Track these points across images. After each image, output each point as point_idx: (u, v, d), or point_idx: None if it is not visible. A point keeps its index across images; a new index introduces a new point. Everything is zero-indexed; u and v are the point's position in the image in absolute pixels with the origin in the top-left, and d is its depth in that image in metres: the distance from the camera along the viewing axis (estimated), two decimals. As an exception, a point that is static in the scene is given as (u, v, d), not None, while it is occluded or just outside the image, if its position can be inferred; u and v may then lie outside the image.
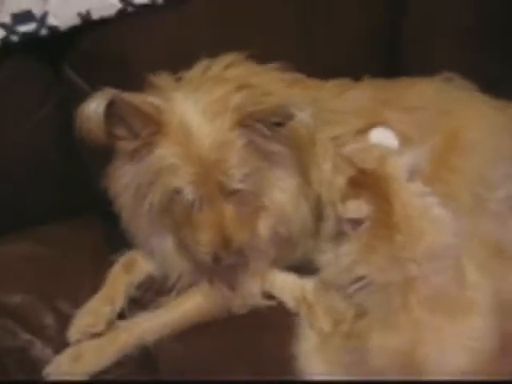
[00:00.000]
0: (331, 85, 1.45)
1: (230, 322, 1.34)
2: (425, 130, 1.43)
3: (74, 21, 1.38)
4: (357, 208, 1.16)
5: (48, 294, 1.36)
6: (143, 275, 1.40)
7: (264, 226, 1.31)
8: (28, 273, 1.39)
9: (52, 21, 1.37)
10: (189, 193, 1.19)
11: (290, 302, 1.35)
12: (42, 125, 1.38)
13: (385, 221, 1.15)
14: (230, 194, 1.22)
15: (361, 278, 1.17)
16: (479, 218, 1.37)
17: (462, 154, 1.41)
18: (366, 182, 1.20)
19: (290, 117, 1.20)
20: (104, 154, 1.28)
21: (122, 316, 1.35)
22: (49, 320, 1.34)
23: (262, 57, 1.38)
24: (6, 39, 1.35)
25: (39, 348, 1.30)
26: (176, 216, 1.25)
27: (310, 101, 1.38)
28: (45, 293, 1.36)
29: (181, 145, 1.20)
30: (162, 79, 1.29)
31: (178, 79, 1.31)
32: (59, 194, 1.47)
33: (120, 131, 1.21)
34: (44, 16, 1.36)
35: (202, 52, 1.32)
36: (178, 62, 1.31)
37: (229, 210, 1.22)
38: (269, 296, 1.38)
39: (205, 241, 1.21)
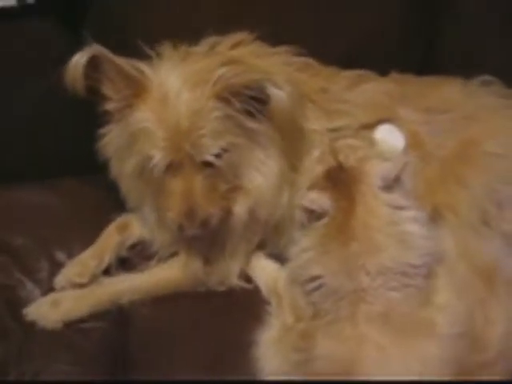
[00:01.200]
0: (347, 75, 1.38)
1: (203, 296, 1.36)
2: (440, 135, 1.33)
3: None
4: (316, 199, 1.11)
5: (48, 240, 1.45)
6: (135, 238, 1.45)
7: (240, 207, 1.29)
8: (34, 218, 1.48)
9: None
10: (160, 158, 1.20)
11: (264, 289, 1.35)
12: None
13: (342, 223, 1.10)
14: (203, 165, 1.21)
15: (315, 278, 1.14)
16: (480, 236, 1.26)
17: (474, 166, 1.30)
18: (340, 178, 1.15)
19: (264, 92, 1.16)
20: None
21: (109, 273, 1.41)
22: (43, 265, 1.42)
23: (275, 38, 1.34)
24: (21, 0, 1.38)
25: (29, 288, 1.39)
26: (152, 182, 1.26)
27: (317, 88, 1.34)
28: (45, 239, 1.45)
29: (157, 110, 1.21)
30: (164, 49, 1.29)
31: (183, 52, 1.31)
32: (77, 151, 1.53)
33: (107, 90, 1.24)
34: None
35: (205, 30, 1.31)
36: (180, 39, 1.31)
37: (198, 181, 1.21)
38: (248, 279, 1.38)
39: (171, 207, 1.23)
